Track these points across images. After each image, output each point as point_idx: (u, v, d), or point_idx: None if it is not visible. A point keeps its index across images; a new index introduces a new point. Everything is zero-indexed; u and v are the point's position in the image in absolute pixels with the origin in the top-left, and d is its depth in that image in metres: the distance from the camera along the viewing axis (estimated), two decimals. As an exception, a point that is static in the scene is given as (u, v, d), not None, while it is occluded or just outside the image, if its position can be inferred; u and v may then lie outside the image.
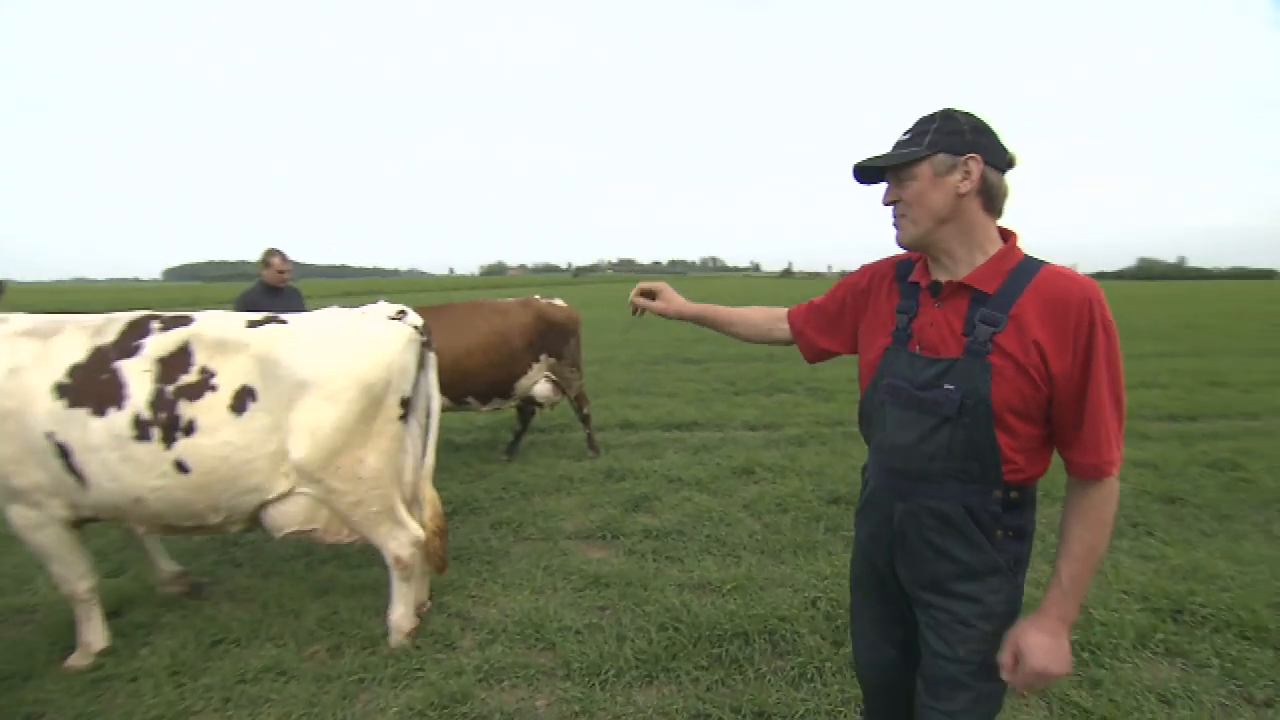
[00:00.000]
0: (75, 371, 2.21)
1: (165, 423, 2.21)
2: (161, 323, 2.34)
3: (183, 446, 2.21)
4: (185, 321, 2.35)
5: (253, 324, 2.38)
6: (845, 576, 1.82)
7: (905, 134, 1.21)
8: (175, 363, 2.27)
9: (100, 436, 2.18)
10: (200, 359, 2.29)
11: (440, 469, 4.25)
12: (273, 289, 4.14)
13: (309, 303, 4.00)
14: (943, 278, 1.21)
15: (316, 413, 2.28)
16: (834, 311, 1.47)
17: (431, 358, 2.61)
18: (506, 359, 4.29)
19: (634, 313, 1.69)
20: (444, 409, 4.01)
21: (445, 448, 4.94)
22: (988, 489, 1.16)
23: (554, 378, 4.57)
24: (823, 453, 4.69)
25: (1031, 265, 1.16)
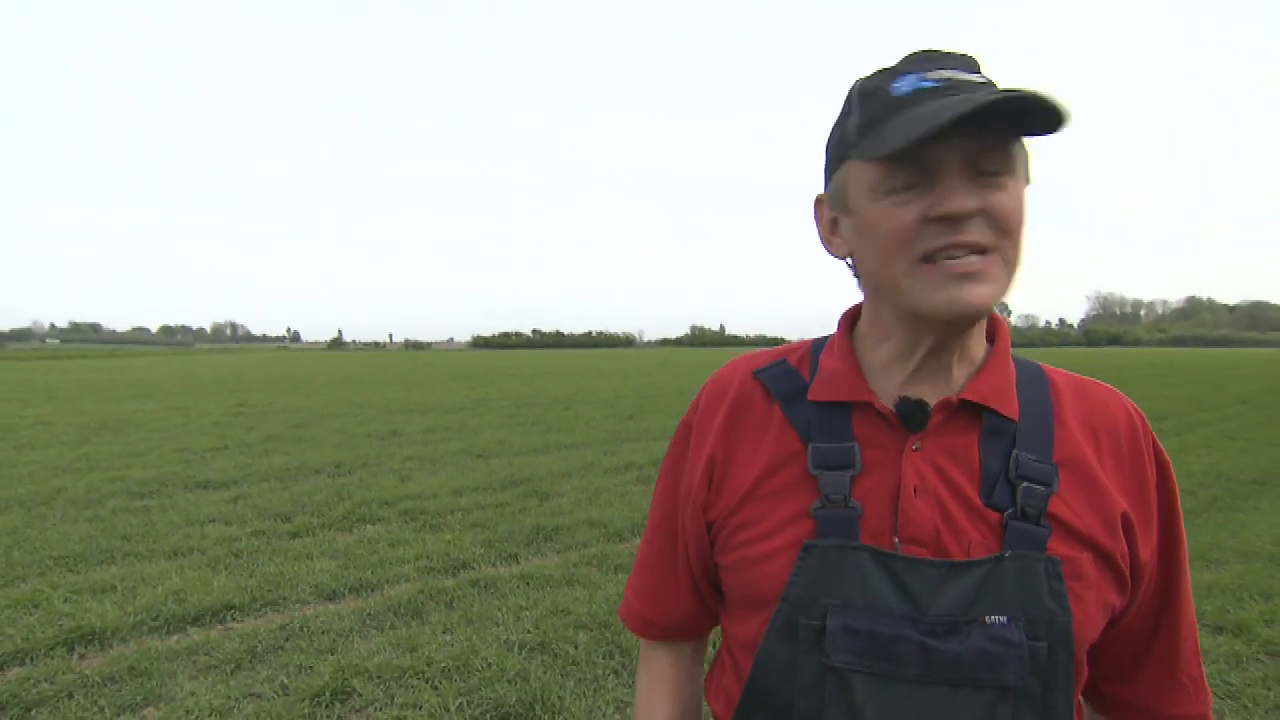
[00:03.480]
0: None
1: None
2: None
3: None
4: None
5: None
6: None
7: (967, 70, 0.66)
8: None
9: None
10: None
11: None
12: None
13: None
14: (926, 394, 0.72)
15: None
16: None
17: None
18: None
19: None
20: None
21: None
22: None
23: None
24: (455, 625, 3.60)
25: (1029, 366, 0.77)
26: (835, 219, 0.74)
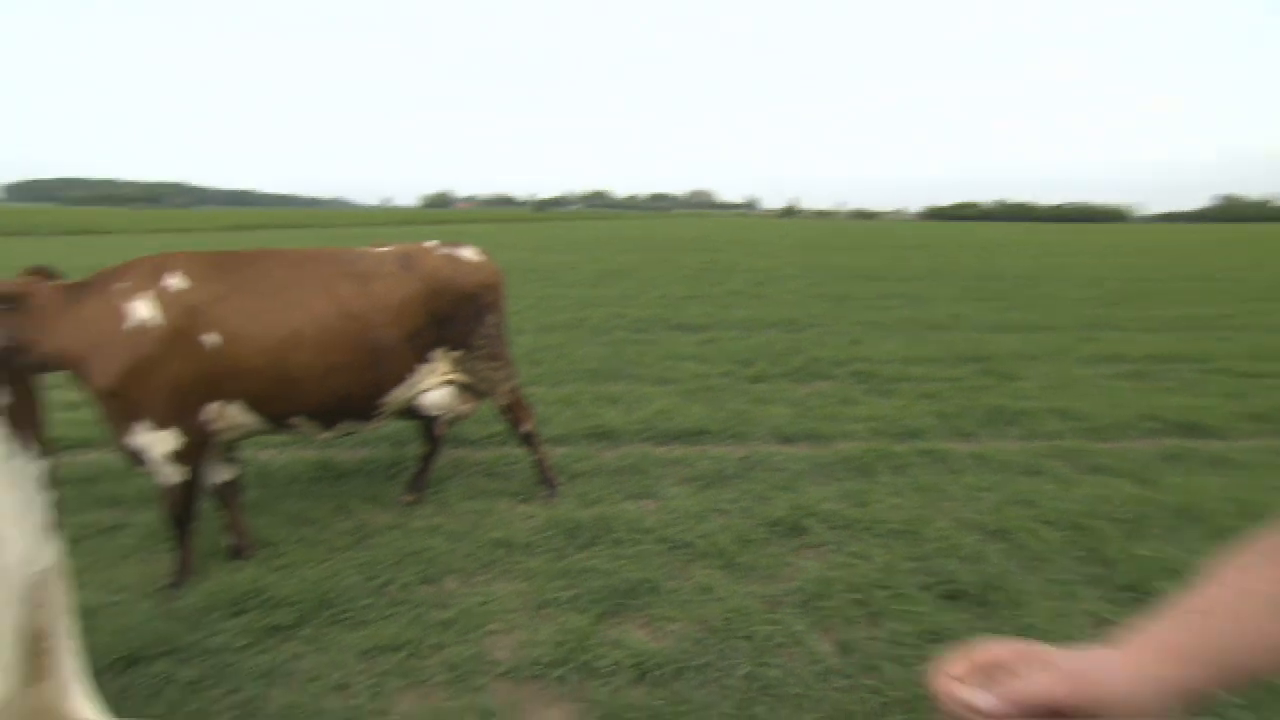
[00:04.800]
0: None
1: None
2: None
3: None
4: None
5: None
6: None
7: None
8: None
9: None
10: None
11: (286, 513, 3.01)
12: None
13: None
14: None
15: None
16: None
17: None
18: (364, 359, 2.79)
19: None
20: (257, 431, 2.77)
21: (310, 472, 3.66)
22: None
23: (463, 379, 3.15)
24: (905, 491, 3.49)
25: None
26: None
